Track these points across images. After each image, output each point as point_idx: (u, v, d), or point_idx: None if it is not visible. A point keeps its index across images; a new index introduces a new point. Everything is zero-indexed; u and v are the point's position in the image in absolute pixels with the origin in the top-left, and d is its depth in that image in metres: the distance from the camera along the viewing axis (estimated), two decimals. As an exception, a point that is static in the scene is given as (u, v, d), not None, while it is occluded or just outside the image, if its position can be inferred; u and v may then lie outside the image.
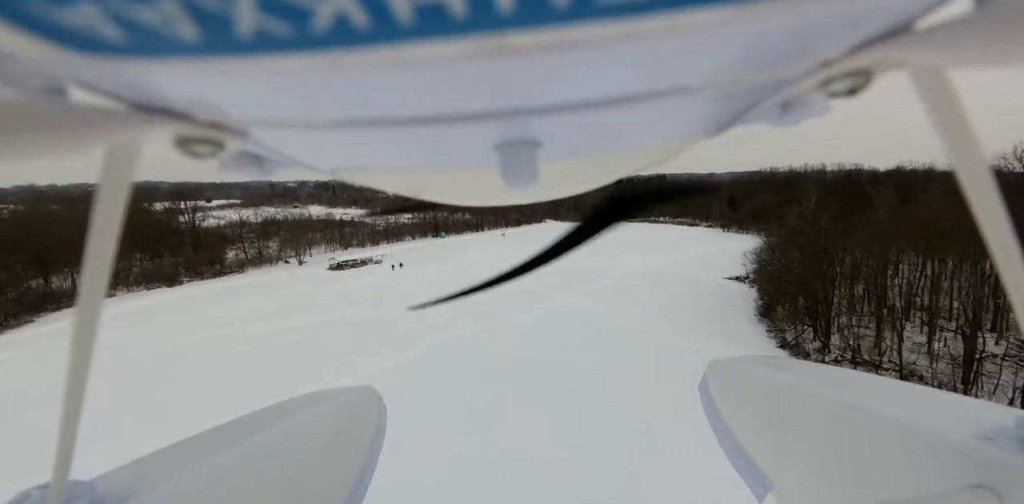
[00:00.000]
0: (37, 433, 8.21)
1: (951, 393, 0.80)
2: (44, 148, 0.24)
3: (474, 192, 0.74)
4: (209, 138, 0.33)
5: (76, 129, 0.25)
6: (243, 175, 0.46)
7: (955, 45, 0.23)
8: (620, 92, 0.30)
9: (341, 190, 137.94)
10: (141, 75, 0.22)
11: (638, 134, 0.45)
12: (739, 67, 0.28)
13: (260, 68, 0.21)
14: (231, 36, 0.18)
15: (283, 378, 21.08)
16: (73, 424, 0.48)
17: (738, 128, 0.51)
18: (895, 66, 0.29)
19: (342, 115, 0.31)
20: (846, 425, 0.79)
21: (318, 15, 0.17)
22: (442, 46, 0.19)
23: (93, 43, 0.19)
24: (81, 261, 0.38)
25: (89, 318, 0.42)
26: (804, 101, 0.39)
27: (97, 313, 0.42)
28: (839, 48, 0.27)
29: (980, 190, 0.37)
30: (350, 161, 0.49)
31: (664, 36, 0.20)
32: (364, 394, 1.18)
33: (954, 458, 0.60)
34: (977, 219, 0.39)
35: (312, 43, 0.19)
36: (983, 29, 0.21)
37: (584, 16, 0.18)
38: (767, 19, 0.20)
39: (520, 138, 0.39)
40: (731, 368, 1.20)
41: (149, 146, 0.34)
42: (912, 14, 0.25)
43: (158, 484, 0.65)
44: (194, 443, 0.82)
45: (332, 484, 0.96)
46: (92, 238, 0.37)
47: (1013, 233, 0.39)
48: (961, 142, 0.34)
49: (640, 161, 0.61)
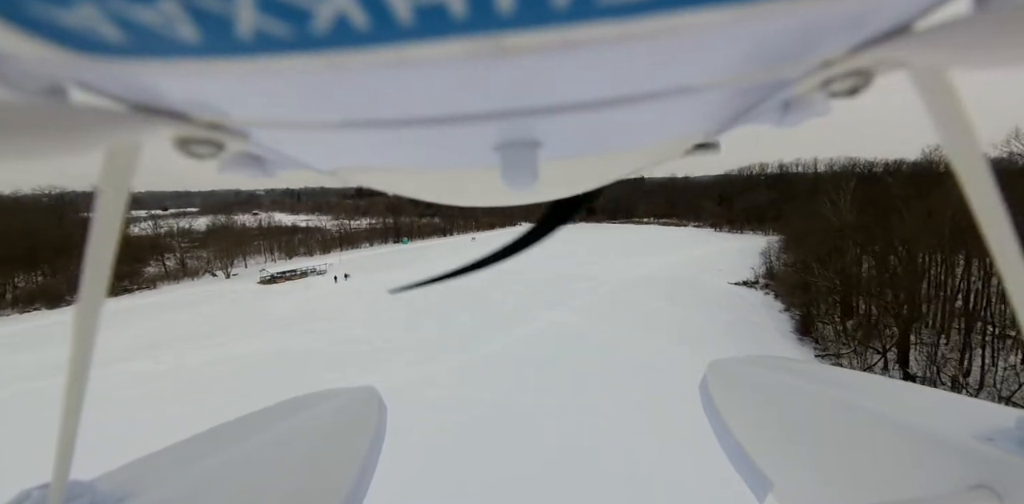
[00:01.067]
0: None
1: (951, 393, 0.79)
2: (44, 149, 0.24)
3: (474, 192, 0.74)
4: (209, 139, 0.33)
5: (76, 130, 0.25)
6: (244, 175, 0.46)
7: (955, 45, 0.23)
8: (620, 93, 0.30)
9: (307, 197, 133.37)
10: (141, 76, 0.23)
11: (638, 134, 0.45)
12: (739, 67, 0.28)
13: (260, 69, 0.21)
14: (231, 37, 0.18)
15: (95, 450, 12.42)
16: (73, 424, 0.49)
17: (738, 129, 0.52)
18: (896, 66, 0.29)
19: (342, 116, 0.31)
20: (846, 425, 0.79)
21: (318, 16, 0.17)
22: (442, 47, 0.19)
23: (93, 44, 0.19)
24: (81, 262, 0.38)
25: (89, 318, 0.42)
26: (805, 101, 0.39)
27: (98, 313, 0.43)
28: (839, 48, 0.28)
29: (980, 190, 0.37)
30: (350, 161, 0.49)
31: (664, 36, 0.20)
32: (364, 394, 1.18)
33: (954, 458, 0.60)
34: (977, 218, 0.39)
35: (312, 44, 0.19)
36: (984, 29, 0.21)
37: (584, 16, 0.18)
38: (767, 19, 0.20)
39: (520, 139, 0.39)
40: (731, 368, 1.20)
41: (149, 147, 0.34)
42: (912, 14, 0.25)
43: (158, 484, 0.66)
44: (194, 443, 0.82)
45: (332, 484, 0.96)
46: (92, 239, 0.37)
47: (1013, 233, 0.39)
48: (961, 142, 0.34)
49: (640, 161, 0.62)
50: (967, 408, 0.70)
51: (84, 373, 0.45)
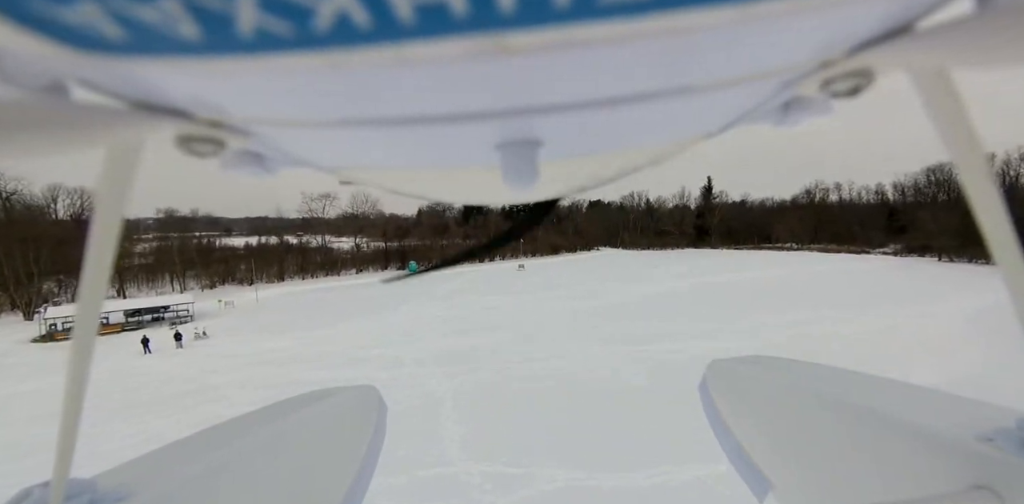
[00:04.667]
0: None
1: (952, 393, 0.78)
2: (46, 147, 0.24)
3: (475, 191, 0.74)
4: (210, 137, 0.33)
5: (77, 128, 0.25)
6: (245, 174, 0.45)
7: (956, 45, 0.23)
8: (621, 92, 0.29)
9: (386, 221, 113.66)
10: (142, 74, 0.22)
11: (640, 134, 0.45)
12: (740, 67, 0.28)
13: (261, 67, 0.21)
14: (232, 35, 0.18)
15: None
16: (74, 423, 0.49)
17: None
18: (897, 66, 0.29)
19: (343, 114, 0.31)
20: (846, 425, 0.79)
21: (319, 14, 0.17)
22: (443, 45, 0.19)
23: (94, 42, 0.19)
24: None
25: (90, 316, 0.43)
26: (806, 101, 0.39)
27: (98, 311, 0.43)
28: (840, 48, 0.27)
29: (981, 191, 0.37)
30: (351, 160, 0.49)
31: (665, 36, 0.20)
32: (364, 393, 1.18)
33: (955, 459, 0.60)
34: (978, 219, 0.39)
35: (313, 42, 0.19)
36: (984, 30, 0.21)
37: (584, 16, 0.18)
38: (768, 20, 0.20)
39: (521, 138, 0.38)
40: (731, 368, 1.19)
41: (150, 145, 0.34)
42: (913, 15, 0.25)
43: (158, 482, 0.66)
44: (194, 441, 0.82)
45: (332, 482, 0.97)
46: (93, 237, 0.37)
47: (1014, 234, 0.39)
48: (962, 142, 0.34)
49: (641, 160, 0.62)
50: (967, 408, 0.70)
51: (85, 372, 0.45)
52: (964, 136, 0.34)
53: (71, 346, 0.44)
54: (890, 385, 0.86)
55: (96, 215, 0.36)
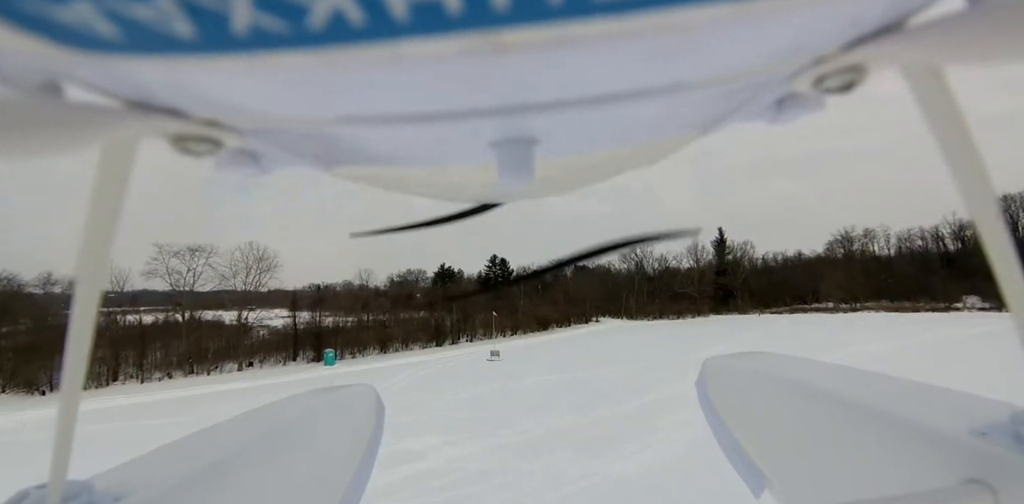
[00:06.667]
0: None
1: (944, 388, 0.80)
2: (39, 146, 0.24)
3: (472, 190, 0.75)
4: (205, 136, 0.33)
5: (71, 127, 0.24)
6: (240, 173, 0.45)
7: (948, 42, 0.23)
8: (615, 89, 0.30)
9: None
10: (136, 72, 0.22)
11: (633, 131, 0.45)
12: (733, 64, 0.28)
13: (256, 65, 0.20)
14: (226, 33, 0.18)
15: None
16: (70, 424, 0.49)
17: None
18: (889, 62, 0.29)
19: (339, 112, 0.30)
20: (840, 420, 0.81)
21: (314, 12, 0.17)
22: (437, 43, 0.19)
23: (88, 40, 0.19)
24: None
25: (85, 317, 0.43)
26: (799, 98, 0.39)
27: (93, 312, 0.43)
28: (833, 45, 0.27)
29: (974, 188, 0.36)
30: (346, 158, 0.49)
31: (659, 33, 0.20)
32: (362, 392, 1.20)
33: (948, 453, 0.60)
34: (972, 219, 0.38)
35: (308, 40, 0.19)
36: (976, 26, 0.21)
37: (579, 13, 0.18)
38: (761, 16, 0.20)
39: (517, 135, 0.38)
40: (727, 365, 1.22)
41: (145, 144, 0.34)
42: (906, 11, 0.25)
43: (155, 483, 0.66)
44: (192, 441, 0.83)
45: (330, 482, 0.98)
46: (86, 239, 0.36)
47: (1008, 234, 0.39)
48: (955, 140, 0.34)
49: (635, 159, 0.62)
50: (960, 402, 0.71)
51: (80, 373, 0.46)
52: (957, 132, 0.33)
53: (69, 346, 0.43)
54: (884, 380, 0.87)
55: (89, 216, 0.35)
